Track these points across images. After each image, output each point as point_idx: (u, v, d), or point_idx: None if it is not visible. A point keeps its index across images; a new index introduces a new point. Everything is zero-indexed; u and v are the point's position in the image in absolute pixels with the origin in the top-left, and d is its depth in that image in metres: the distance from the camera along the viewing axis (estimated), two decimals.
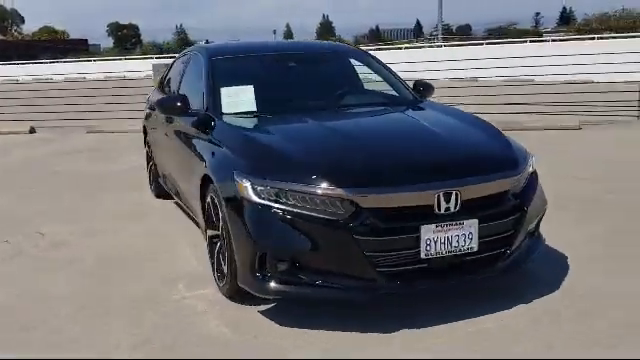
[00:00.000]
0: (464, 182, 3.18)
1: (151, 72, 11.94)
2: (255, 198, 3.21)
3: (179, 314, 3.52)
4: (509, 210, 3.33)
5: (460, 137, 3.68)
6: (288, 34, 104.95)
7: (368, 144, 3.55)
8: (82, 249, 4.74)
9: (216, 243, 3.79)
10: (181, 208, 5.31)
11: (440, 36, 50.46)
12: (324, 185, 3.09)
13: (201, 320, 3.42)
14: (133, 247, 4.75)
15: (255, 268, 3.22)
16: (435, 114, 4.22)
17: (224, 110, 4.22)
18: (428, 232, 3.09)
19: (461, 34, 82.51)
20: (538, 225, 3.69)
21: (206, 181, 3.82)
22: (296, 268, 3.14)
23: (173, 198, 5.87)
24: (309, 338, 3.14)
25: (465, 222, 3.15)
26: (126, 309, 3.60)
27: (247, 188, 3.24)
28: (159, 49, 79.99)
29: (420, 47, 36.18)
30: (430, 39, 63.29)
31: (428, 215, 3.11)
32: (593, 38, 31.15)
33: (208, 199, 3.79)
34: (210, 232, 3.91)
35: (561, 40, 37.65)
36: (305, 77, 4.89)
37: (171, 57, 12.00)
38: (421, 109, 4.40)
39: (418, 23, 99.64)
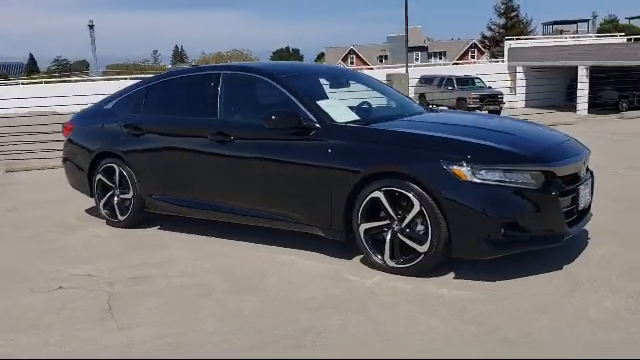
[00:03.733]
0: (587, 154, 4.60)
1: None
2: (476, 180, 4.00)
3: (399, 301, 4.01)
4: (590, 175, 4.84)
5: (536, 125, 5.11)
6: None
7: (516, 133, 4.64)
8: (180, 279, 4.46)
9: (383, 232, 4.34)
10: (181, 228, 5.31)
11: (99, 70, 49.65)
12: (534, 163, 4.11)
13: (425, 296, 4.00)
14: (227, 267, 4.66)
15: (481, 236, 4.00)
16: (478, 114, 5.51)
17: (336, 120, 4.70)
18: (581, 190, 4.39)
19: (79, 69, 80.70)
20: None
21: (365, 180, 4.32)
22: (512, 229, 4.06)
23: (146, 226, 5.79)
24: (528, 284, 4.07)
25: (588, 182, 4.56)
26: (369, 307, 3.93)
27: (466, 173, 4.01)
28: None
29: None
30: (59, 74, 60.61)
31: (579, 178, 4.41)
32: None
33: (374, 194, 4.29)
34: (368, 225, 4.39)
35: None
36: (351, 92, 5.56)
37: None
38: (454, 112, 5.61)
39: (32, 57, 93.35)
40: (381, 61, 68.56)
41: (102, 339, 3.52)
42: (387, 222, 4.33)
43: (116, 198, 5.88)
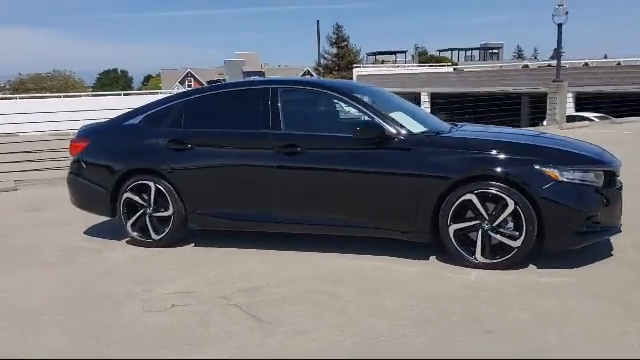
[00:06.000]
0: None
1: None
2: (565, 179, 4.60)
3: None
4: None
5: None
6: None
7: (573, 141, 5.33)
8: (291, 287, 4.46)
9: (472, 230, 4.75)
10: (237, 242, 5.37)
11: None
12: (602, 164, 4.82)
13: (536, 284, 4.48)
14: (326, 275, 4.72)
15: (571, 229, 4.59)
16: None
17: (412, 131, 5.04)
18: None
19: None
20: None
21: (456, 184, 4.72)
22: (591, 222, 4.70)
23: (179, 245, 5.67)
24: (601, 269, 4.72)
25: None
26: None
27: (557, 173, 4.58)
28: None
29: None
30: None
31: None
32: None
33: (466, 197, 4.70)
34: (457, 226, 4.77)
35: None
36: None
37: None
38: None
39: None
40: None
41: (289, 345, 3.51)
42: (477, 222, 4.74)
43: (148, 217, 5.61)
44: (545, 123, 20.20)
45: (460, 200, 4.72)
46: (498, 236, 4.70)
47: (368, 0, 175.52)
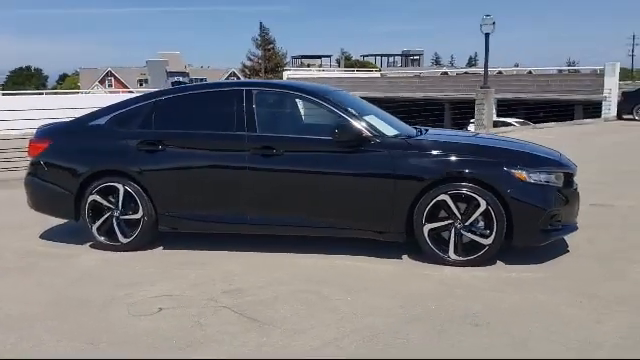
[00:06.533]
0: None
1: None
2: (531, 180, 4.89)
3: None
4: None
5: None
6: None
7: (534, 146, 5.61)
8: (276, 288, 4.50)
9: (445, 230, 4.96)
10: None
11: None
12: (562, 167, 5.15)
13: (509, 279, 4.74)
14: (306, 275, 4.80)
15: (538, 227, 4.88)
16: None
17: (386, 134, 5.21)
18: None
19: None
20: None
21: (431, 185, 4.91)
22: (554, 220, 5.01)
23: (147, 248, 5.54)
24: (563, 264, 5.05)
25: None
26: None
27: (524, 175, 4.86)
28: None
29: None
30: None
31: None
32: None
33: (440, 197, 4.90)
34: (432, 225, 4.97)
35: None
36: None
37: None
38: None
39: None
40: (141, 84, 66.95)
41: (290, 344, 3.57)
42: (450, 221, 4.95)
43: (115, 220, 5.48)
44: (472, 128, 21.04)
45: (434, 201, 4.92)
46: (470, 234, 4.93)
47: (288, 3, 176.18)
